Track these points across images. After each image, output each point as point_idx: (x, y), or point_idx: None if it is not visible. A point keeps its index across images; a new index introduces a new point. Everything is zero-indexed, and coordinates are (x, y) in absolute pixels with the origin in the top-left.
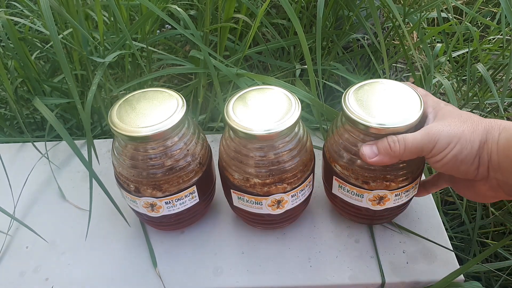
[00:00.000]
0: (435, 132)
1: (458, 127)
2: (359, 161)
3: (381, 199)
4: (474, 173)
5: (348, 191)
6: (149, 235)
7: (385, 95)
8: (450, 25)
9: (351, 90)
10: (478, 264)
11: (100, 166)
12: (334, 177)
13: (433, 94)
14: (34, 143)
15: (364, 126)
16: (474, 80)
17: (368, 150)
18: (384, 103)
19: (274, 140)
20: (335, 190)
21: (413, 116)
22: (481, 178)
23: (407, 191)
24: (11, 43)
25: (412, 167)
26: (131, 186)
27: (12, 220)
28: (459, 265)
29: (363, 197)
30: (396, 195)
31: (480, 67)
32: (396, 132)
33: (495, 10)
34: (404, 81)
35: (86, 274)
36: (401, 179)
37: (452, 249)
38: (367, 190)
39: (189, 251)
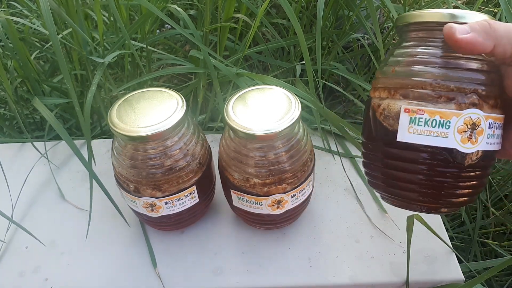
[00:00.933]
0: None
1: None
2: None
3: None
4: None
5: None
6: (148, 235)
7: None
8: None
9: None
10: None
11: (99, 166)
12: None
13: None
14: (34, 143)
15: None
16: None
17: (458, 25)
18: None
19: (274, 140)
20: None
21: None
22: None
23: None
24: (10, 43)
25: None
26: (131, 186)
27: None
28: (459, 265)
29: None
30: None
31: None
32: None
33: (495, 10)
34: None
35: (85, 274)
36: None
37: (452, 249)
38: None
39: (189, 251)
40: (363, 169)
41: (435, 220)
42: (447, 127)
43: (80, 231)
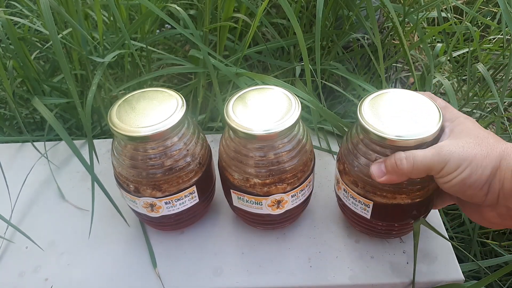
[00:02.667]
0: (446, 152)
1: (471, 150)
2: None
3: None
4: (482, 198)
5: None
6: (148, 235)
7: (402, 106)
8: (450, 24)
9: (366, 100)
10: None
11: (99, 166)
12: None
13: (433, 93)
14: (34, 143)
15: (380, 137)
16: (474, 80)
17: (376, 170)
18: (400, 115)
19: (274, 140)
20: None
21: (431, 129)
22: (489, 204)
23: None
24: (10, 43)
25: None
26: (131, 186)
27: (11, 220)
28: (459, 265)
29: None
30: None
31: (480, 67)
32: (407, 146)
33: (495, 10)
34: (423, 91)
35: (85, 274)
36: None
37: (452, 249)
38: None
39: (189, 251)
40: None
41: (435, 220)
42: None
43: (80, 231)
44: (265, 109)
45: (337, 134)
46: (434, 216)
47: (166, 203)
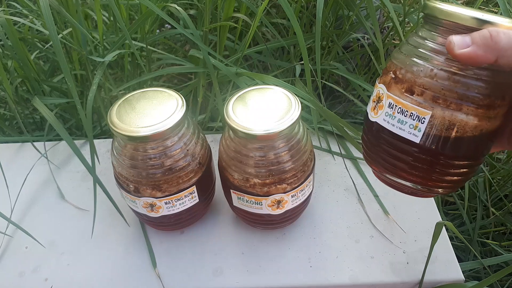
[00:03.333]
0: None
1: None
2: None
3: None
4: None
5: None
6: (148, 235)
7: None
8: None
9: None
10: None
11: (99, 166)
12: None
13: None
14: (34, 143)
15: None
16: None
17: (458, 39)
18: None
19: (274, 140)
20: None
21: None
22: None
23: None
24: (10, 43)
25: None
26: (131, 186)
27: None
28: (459, 265)
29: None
30: (292, 196)
31: None
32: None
33: (495, 10)
34: None
35: (85, 274)
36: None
37: (452, 249)
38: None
39: (189, 251)
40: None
41: (435, 220)
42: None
43: (80, 231)
44: (265, 109)
45: (337, 134)
46: (434, 216)
47: (166, 203)
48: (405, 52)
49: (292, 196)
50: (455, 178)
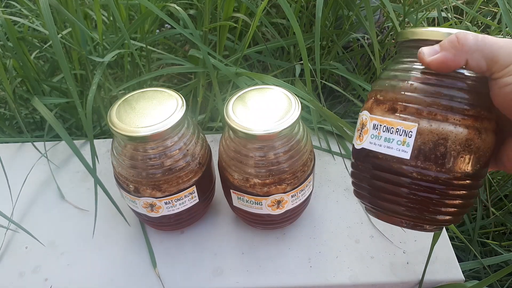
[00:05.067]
0: None
1: None
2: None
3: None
4: None
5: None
6: (148, 235)
7: None
8: (450, 24)
9: None
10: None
11: (99, 166)
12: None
13: None
14: (34, 143)
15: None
16: None
17: (427, 48)
18: None
19: (273, 140)
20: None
21: None
22: None
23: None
24: (10, 43)
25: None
26: (131, 186)
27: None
28: (460, 265)
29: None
30: (292, 196)
31: None
32: None
33: (495, 10)
34: None
35: (85, 274)
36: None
37: (452, 249)
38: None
39: (189, 251)
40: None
41: None
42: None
43: (80, 231)
44: (265, 109)
45: (337, 134)
46: None
47: (166, 203)
48: (384, 77)
49: (292, 196)
50: (457, 202)
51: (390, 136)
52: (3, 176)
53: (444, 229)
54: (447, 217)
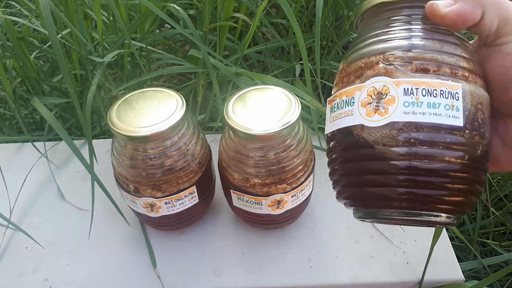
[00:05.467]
0: None
1: None
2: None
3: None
4: None
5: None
6: (148, 235)
7: None
8: None
9: None
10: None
11: (99, 166)
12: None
13: None
14: (34, 142)
15: None
16: None
17: (440, 1)
18: None
19: (273, 140)
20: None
21: None
22: None
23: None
24: (9, 43)
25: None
26: (131, 186)
27: (11, 220)
28: (459, 265)
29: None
30: (292, 196)
31: None
32: None
33: None
34: None
35: (85, 274)
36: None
37: (452, 249)
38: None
39: (189, 251)
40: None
41: None
42: (351, 104)
43: (80, 231)
44: (265, 109)
45: None
46: None
47: (166, 203)
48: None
49: (292, 196)
50: (477, 187)
51: (435, 100)
52: (3, 176)
53: (444, 229)
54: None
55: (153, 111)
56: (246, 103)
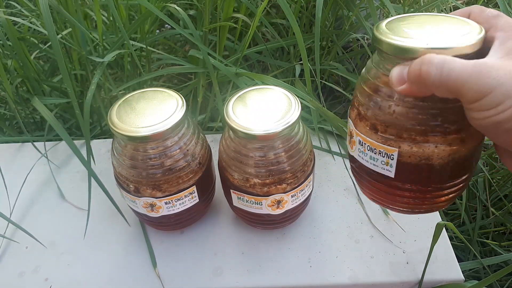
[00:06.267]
0: (494, 76)
1: None
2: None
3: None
4: None
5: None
6: (148, 235)
7: (429, 23)
8: None
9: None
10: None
11: (99, 166)
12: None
13: None
14: (34, 143)
15: (403, 49)
16: None
17: (397, 74)
18: (429, 30)
19: (273, 140)
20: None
21: (471, 38)
22: None
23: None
24: (10, 43)
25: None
26: (131, 186)
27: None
28: (459, 265)
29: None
30: (292, 196)
31: None
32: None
33: None
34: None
35: (85, 274)
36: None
37: (452, 249)
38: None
39: (189, 251)
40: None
41: (435, 220)
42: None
43: (80, 231)
44: (265, 109)
45: (337, 134)
46: (434, 216)
47: (166, 203)
48: (366, 87)
49: (292, 196)
50: (451, 195)
51: (374, 156)
52: (3, 176)
53: (444, 229)
54: (450, 196)
55: (153, 111)
56: (246, 103)
